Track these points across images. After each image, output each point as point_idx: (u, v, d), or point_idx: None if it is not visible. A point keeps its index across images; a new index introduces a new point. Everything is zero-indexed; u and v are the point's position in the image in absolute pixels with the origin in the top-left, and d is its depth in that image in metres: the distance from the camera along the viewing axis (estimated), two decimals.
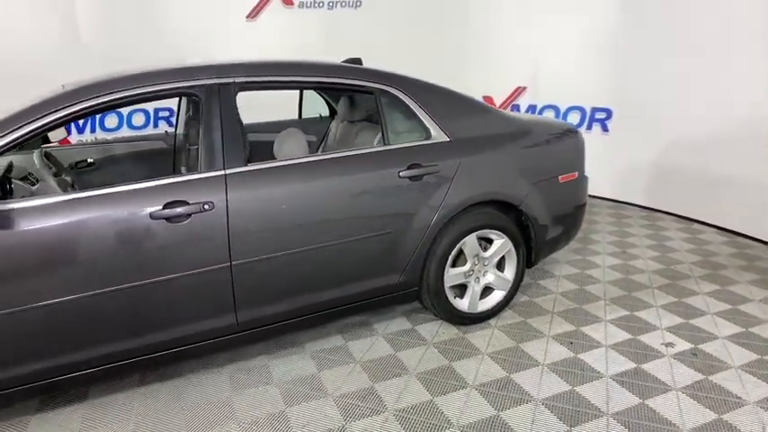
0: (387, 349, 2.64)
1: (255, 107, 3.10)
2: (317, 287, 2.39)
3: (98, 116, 5.62)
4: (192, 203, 2.03)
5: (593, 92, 5.27)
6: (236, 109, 2.20)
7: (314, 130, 3.72)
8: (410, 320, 2.92)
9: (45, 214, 1.85)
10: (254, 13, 6.00)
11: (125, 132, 5.69)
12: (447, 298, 2.72)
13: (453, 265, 2.72)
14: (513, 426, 2.07)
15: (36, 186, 2.49)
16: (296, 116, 3.94)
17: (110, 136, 5.62)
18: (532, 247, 2.93)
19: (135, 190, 1.98)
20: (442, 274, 2.67)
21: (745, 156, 4.12)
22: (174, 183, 2.05)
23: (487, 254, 2.78)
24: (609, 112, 5.18)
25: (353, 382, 2.38)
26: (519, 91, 5.87)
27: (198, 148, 3.28)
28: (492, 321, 2.89)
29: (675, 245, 4.06)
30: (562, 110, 5.55)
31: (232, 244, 2.11)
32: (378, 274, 2.52)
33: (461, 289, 2.81)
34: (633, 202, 5.14)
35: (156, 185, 2.02)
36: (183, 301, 2.11)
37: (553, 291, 3.27)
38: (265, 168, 2.22)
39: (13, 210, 1.82)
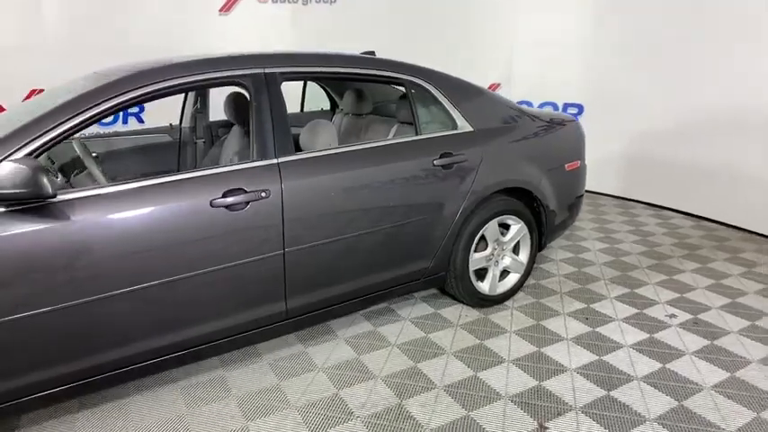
0: (417, 332, 2.74)
1: None
2: (359, 273, 2.46)
3: None
4: (250, 191, 2.04)
5: (565, 88, 5.57)
6: (283, 98, 2.23)
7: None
8: (431, 305, 3.03)
9: (106, 204, 1.82)
10: (227, 7, 5.91)
11: (94, 129, 5.45)
12: (471, 281, 2.86)
13: (475, 250, 2.85)
14: (557, 393, 2.23)
15: (60, 178, 2.42)
16: (297, 109, 3.96)
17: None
18: (543, 231, 3.11)
19: (195, 177, 1.98)
20: (468, 259, 2.80)
21: (705, 145, 4.51)
22: (231, 171, 2.05)
23: (506, 238, 2.94)
24: (581, 108, 5.50)
25: (395, 363, 2.46)
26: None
27: (207, 140, 3.26)
28: (509, 303, 3.05)
29: (652, 229, 4.39)
30: (535, 105, 5.83)
31: (286, 231, 2.14)
32: (413, 259, 2.62)
33: (479, 274, 2.95)
34: (605, 192, 5.49)
35: (215, 173, 2.02)
36: (240, 289, 2.12)
37: (555, 273, 3.48)
38: (312, 157, 2.27)
39: (75, 200, 1.78)
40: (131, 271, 1.86)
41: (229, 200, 2.00)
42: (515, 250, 3.04)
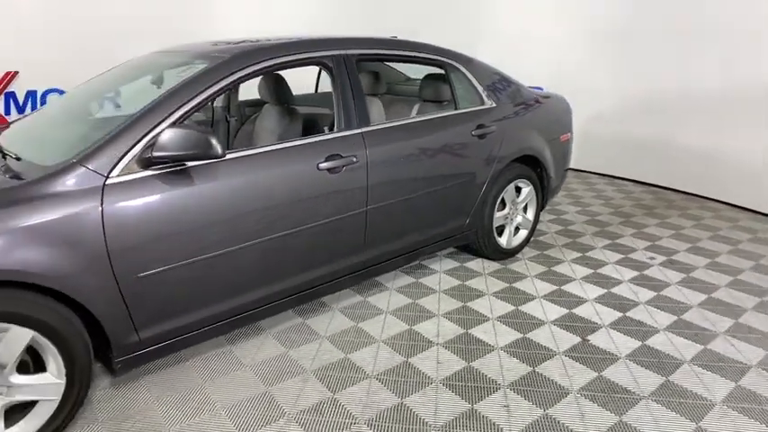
0: (455, 281, 3.17)
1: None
2: (419, 228, 2.85)
3: (39, 96, 5.21)
4: (345, 156, 2.37)
5: (524, 73, 6.17)
6: (359, 77, 2.55)
7: (329, 104, 4.04)
8: (456, 261, 3.47)
9: (253, 164, 2.10)
10: None
11: None
12: (494, 236, 3.33)
13: (497, 210, 3.32)
14: (586, 317, 2.76)
15: None
16: (311, 91, 4.22)
17: None
18: (545, 195, 3.65)
19: (303, 145, 2.28)
20: (492, 217, 3.27)
21: (648, 122, 5.30)
22: (328, 139, 2.36)
23: (519, 199, 3.44)
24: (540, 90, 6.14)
25: (447, 304, 2.89)
26: None
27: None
28: (520, 255, 3.57)
29: (611, 195, 5.11)
30: None
31: (369, 191, 2.49)
32: (456, 216, 3.05)
33: (497, 230, 3.42)
34: None
35: (318, 141, 2.33)
36: (334, 242, 2.45)
37: (547, 232, 4.05)
38: (386, 128, 2.61)
39: (236, 158, 2.06)
40: (266, 223, 2.15)
41: (331, 164, 2.31)
42: (524, 210, 3.55)
